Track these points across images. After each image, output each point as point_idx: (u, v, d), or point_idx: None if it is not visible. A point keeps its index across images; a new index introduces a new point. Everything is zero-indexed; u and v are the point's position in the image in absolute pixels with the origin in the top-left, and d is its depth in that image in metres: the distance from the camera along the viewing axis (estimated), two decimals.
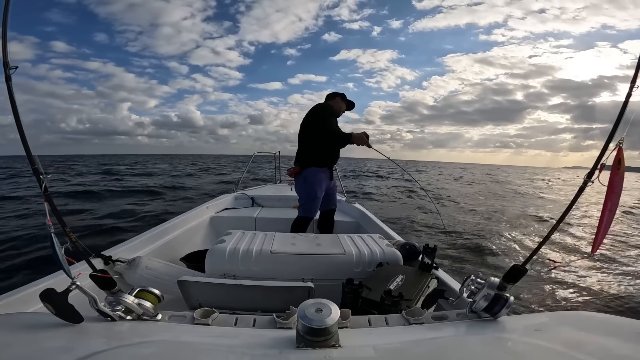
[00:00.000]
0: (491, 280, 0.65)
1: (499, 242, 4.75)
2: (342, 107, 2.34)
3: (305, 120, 2.23)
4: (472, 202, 9.36)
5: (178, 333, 0.58)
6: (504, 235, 5.15)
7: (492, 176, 27.49)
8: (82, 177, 13.98)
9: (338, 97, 2.32)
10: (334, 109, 2.27)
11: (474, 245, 4.43)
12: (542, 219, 6.81)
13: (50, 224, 0.83)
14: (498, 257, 4.02)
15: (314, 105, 2.26)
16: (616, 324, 0.61)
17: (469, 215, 6.98)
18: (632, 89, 0.82)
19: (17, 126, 0.84)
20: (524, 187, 17.29)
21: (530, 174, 45.15)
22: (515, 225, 6.07)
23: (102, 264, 1.37)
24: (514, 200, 10.58)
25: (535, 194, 13.73)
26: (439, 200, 9.29)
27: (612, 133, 0.84)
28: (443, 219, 5.86)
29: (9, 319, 0.61)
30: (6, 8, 0.79)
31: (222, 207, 2.93)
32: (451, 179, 20.84)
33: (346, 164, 43.93)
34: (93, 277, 0.63)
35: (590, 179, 0.85)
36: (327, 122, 2.14)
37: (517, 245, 4.64)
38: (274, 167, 4.59)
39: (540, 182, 24.18)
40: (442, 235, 5.02)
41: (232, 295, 1.01)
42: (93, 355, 0.45)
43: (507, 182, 20.34)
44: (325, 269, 1.29)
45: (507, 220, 6.54)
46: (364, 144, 2.12)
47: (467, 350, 0.52)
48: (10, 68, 0.79)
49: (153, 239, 1.86)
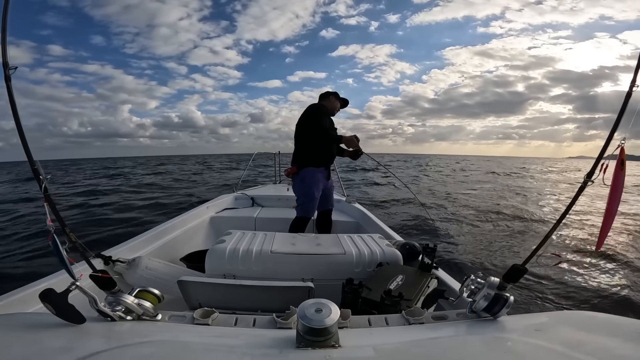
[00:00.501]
0: (491, 280, 0.65)
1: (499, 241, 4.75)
2: (337, 105, 2.35)
3: (300, 121, 2.24)
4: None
5: (178, 333, 0.58)
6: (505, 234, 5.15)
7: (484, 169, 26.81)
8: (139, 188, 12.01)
9: (331, 96, 2.32)
10: (327, 109, 2.28)
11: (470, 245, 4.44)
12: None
13: (51, 224, 0.84)
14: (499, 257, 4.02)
15: (308, 106, 2.27)
16: (617, 323, 0.61)
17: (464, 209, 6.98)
18: (631, 88, 0.82)
19: (17, 127, 0.85)
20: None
21: (528, 164, 44.96)
22: (515, 224, 6.07)
23: (102, 264, 1.37)
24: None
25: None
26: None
27: (612, 133, 0.84)
28: (431, 216, 5.87)
29: (9, 319, 0.61)
30: (5, 8, 0.80)
31: (222, 207, 2.94)
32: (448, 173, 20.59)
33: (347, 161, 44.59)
34: (93, 277, 0.63)
35: (590, 178, 0.85)
36: (321, 122, 2.15)
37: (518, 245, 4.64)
38: (275, 167, 4.59)
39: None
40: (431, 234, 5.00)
41: (232, 295, 1.01)
42: (93, 355, 0.45)
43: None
44: (325, 269, 1.29)
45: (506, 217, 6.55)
46: (354, 147, 2.14)
47: (467, 350, 0.51)
48: (9, 68, 0.79)
49: (153, 239, 1.86)
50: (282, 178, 4.31)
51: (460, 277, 1.11)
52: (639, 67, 0.80)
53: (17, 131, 0.86)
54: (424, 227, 5.25)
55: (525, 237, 4.92)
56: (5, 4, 0.80)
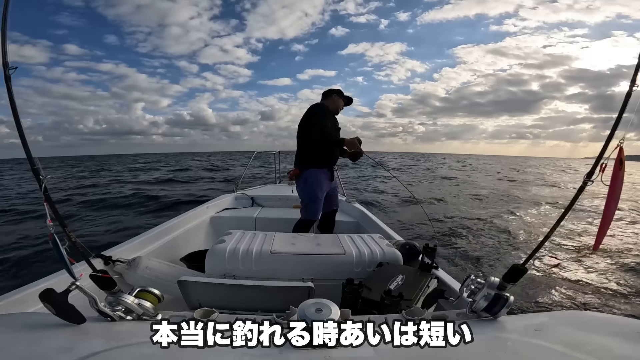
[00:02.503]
0: (491, 280, 0.65)
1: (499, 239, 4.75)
2: (340, 104, 2.29)
3: (301, 121, 2.20)
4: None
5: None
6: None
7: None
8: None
9: (334, 95, 2.26)
10: (329, 108, 2.22)
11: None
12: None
13: (51, 224, 0.84)
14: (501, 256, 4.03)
15: (310, 106, 2.22)
16: (617, 323, 0.61)
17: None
18: (631, 88, 0.82)
19: (17, 127, 0.85)
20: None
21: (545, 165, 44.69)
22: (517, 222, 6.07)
23: (102, 264, 1.37)
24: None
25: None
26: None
27: (612, 133, 0.84)
28: (432, 222, 5.88)
29: (9, 319, 0.61)
30: (6, 8, 0.80)
31: (222, 207, 2.93)
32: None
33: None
34: (93, 277, 0.63)
35: (590, 178, 0.85)
36: (322, 124, 2.11)
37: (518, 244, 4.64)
38: (274, 167, 4.58)
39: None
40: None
41: (232, 295, 1.01)
42: (93, 355, 0.45)
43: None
44: (325, 269, 1.29)
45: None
46: (356, 149, 2.11)
47: (467, 350, 0.51)
48: (9, 68, 0.79)
49: (153, 239, 1.86)
50: (283, 177, 4.31)
51: (460, 277, 1.10)
52: (639, 67, 0.80)
53: (17, 131, 0.86)
54: (424, 226, 5.27)
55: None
56: (5, 4, 0.80)
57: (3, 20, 0.80)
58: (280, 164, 4.39)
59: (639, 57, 0.78)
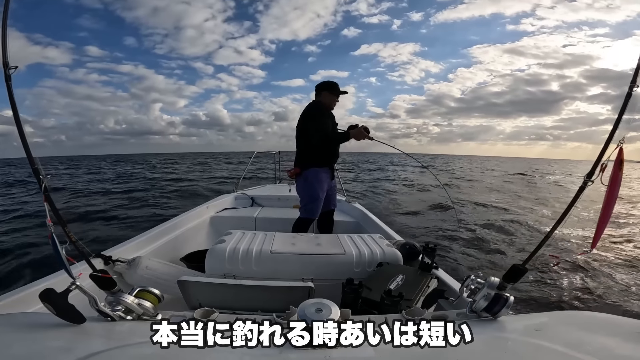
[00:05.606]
0: (491, 280, 0.65)
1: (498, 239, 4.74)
2: (333, 99, 2.20)
3: (299, 122, 2.18)
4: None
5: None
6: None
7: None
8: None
9: (324, 92, 2.17)
10: (324, 106, 2.18)
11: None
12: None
13: (51, 223, 0.83)
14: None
15: (307, 105, 2.20)
16: (617, 323, 0.61)
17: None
18: (631, 89, 0.82)
19: (17, 127, 0.84)
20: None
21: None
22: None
23: (102, 264, 1.37)
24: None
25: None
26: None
27: (612, 133, 0.84)
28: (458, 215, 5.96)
29: (9, 319, 0.61)
30: (6, 8, 0.80)
31: (222, 207, 2.93)
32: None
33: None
34: (93, 277, 0.63)
35: (590, 178, 0.84)
36: (320, 125, 2.08)
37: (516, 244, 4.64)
38: (275, 167, 4.58)
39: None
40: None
41: (232, 295, 1.01)
42: (93, 355, 0.45)
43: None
44: (325, 269, 1.29)
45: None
46: (364, 138, 2.05)
47: (467, 350, 0.51)
48: (10, 68, 0.79)
49: (153, 239, 1.86)
50: (284, 176, 4.31)
51: (460, 277, 1.10)
52: (639, 67, 0.80)
53: (17, 131, 0.86)
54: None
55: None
56: (5, 4, 0.80)
57: (3, 20, 0.80)
58: (280, 165, 4.39)
59: (639, 57, 0.78)
